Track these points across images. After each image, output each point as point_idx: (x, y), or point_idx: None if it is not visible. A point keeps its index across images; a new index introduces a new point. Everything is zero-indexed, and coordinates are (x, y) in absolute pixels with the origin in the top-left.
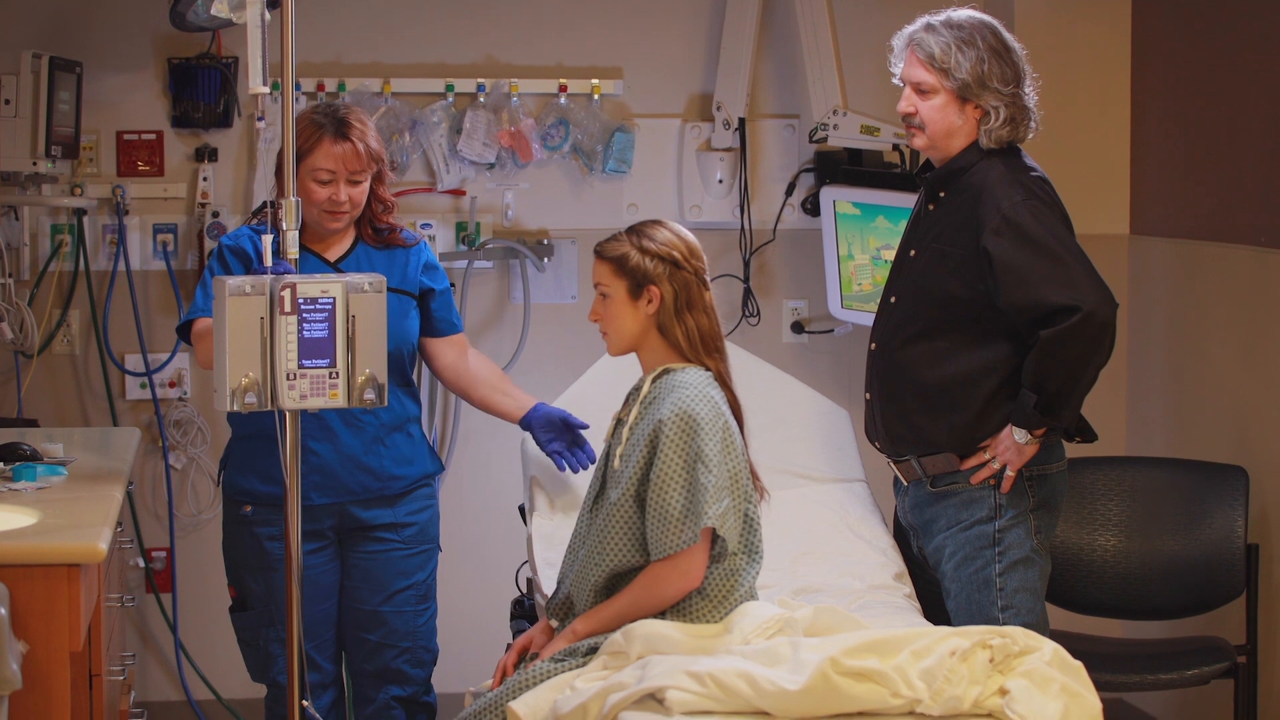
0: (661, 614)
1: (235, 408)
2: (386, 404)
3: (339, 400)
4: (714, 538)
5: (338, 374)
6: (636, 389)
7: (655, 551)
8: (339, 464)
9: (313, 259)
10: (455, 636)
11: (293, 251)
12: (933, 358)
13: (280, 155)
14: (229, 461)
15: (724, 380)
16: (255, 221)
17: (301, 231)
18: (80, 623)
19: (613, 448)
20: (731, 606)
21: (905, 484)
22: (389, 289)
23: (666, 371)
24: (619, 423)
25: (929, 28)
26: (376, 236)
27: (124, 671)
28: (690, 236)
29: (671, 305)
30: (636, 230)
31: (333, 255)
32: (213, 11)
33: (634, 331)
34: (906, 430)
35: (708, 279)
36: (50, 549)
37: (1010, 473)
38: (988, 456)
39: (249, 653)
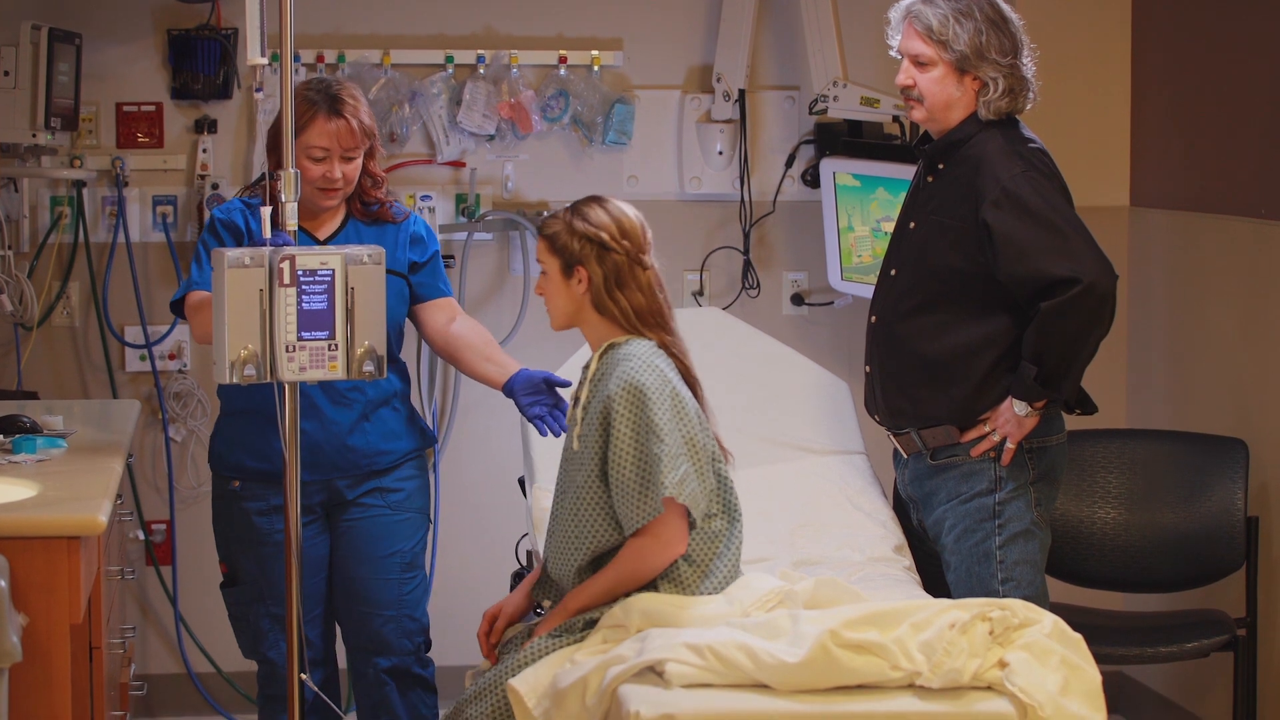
0: (653, 584)
1: (235, 380)
2: (386, 375)
3: (338, 372)
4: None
5: (337, 346)
6: (586, 367)
7: (626, 526)
8: (326, 441)
9: (303, 237)
10: (456, 610)
11: (292, 224)
12: (933, 330)
13: (277, 127)
14: (217, 437)
15: (671, 350)
16: (248, 194)
17: (307, 205)
18: (80, 595)
19: (572, 430)
20: (721, 570)
21: (905, 457)
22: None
23: (612, 346)
24: (575, 402)
25: (926, 0)
26: (365, 211)
27: (124, 644)
28: (628, 216)
29: (601, 286)
30: (575, 208)
31: (323, 233)
32: None
33: (568, 310)
34: (906, 403)
35: (645, 258)
36: (50, 521)
37: (1010, 445)
38: (988, 429)
39: (240, 628)
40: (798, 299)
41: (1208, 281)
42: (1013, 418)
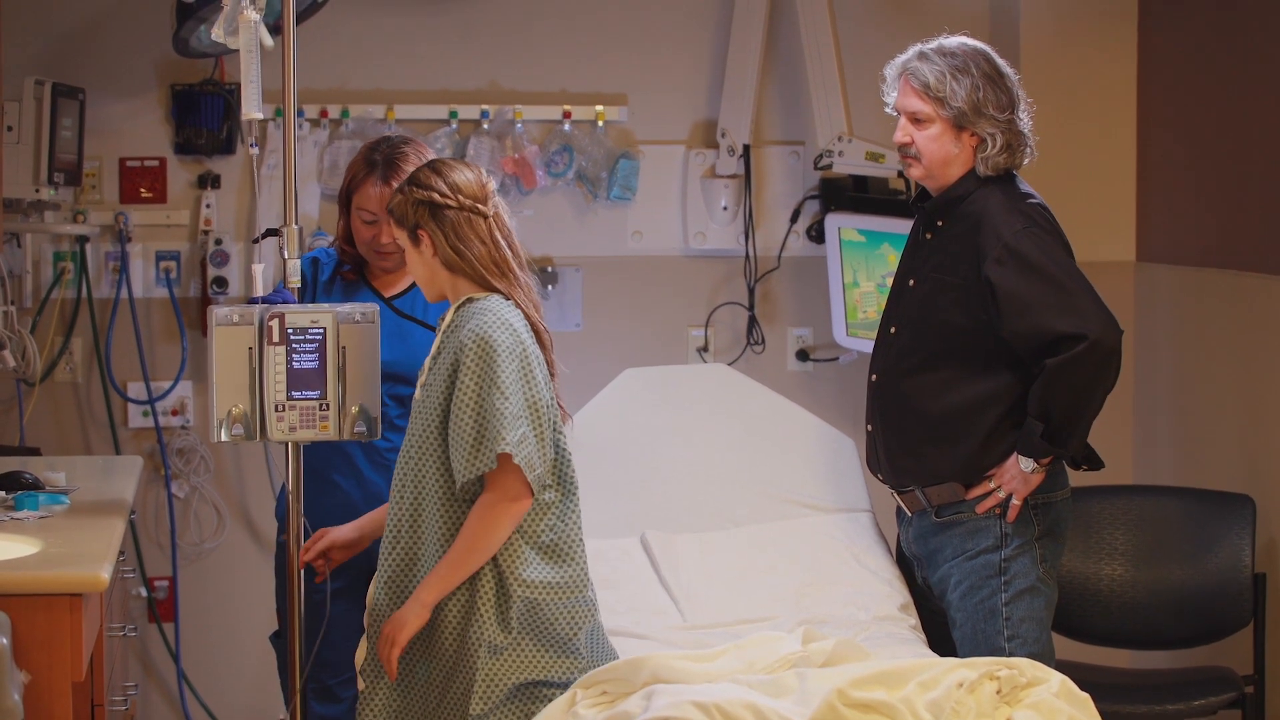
0: (502, 581)
1: (224, 439)
2: (380, 436)
3: (329, 433)
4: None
5: (328, 405)
6: (441, 319)
7: (459, 476)
8: (364, 502)
9: (368, 294)
10: None
11: (293, 281)
12: (936, 388)
13: (346, 185)
14: (282, 494)
15: (522, 306)
16: (328, 243)
17: (364, 266)
18: (82, 653)
19: (419, 379)
20: (572, 555)
21: (909, 514)
22: (408, 317)
23: (468, 300)
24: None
25: (922, 56)
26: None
27: (126, 702)
28: (461, 173)
29: (445, 244)
30: (411, 177)
31: (391, 291)
32: (211, 37)
33: (428, 276)
34: (911, 461)
35: (482, 207)
36: (52, 579)
37: (1016, 501)
38: (993, 485)
39: (284, 679)
40: (803, 355)
41: (1214, 337)
42: (1018, 474)
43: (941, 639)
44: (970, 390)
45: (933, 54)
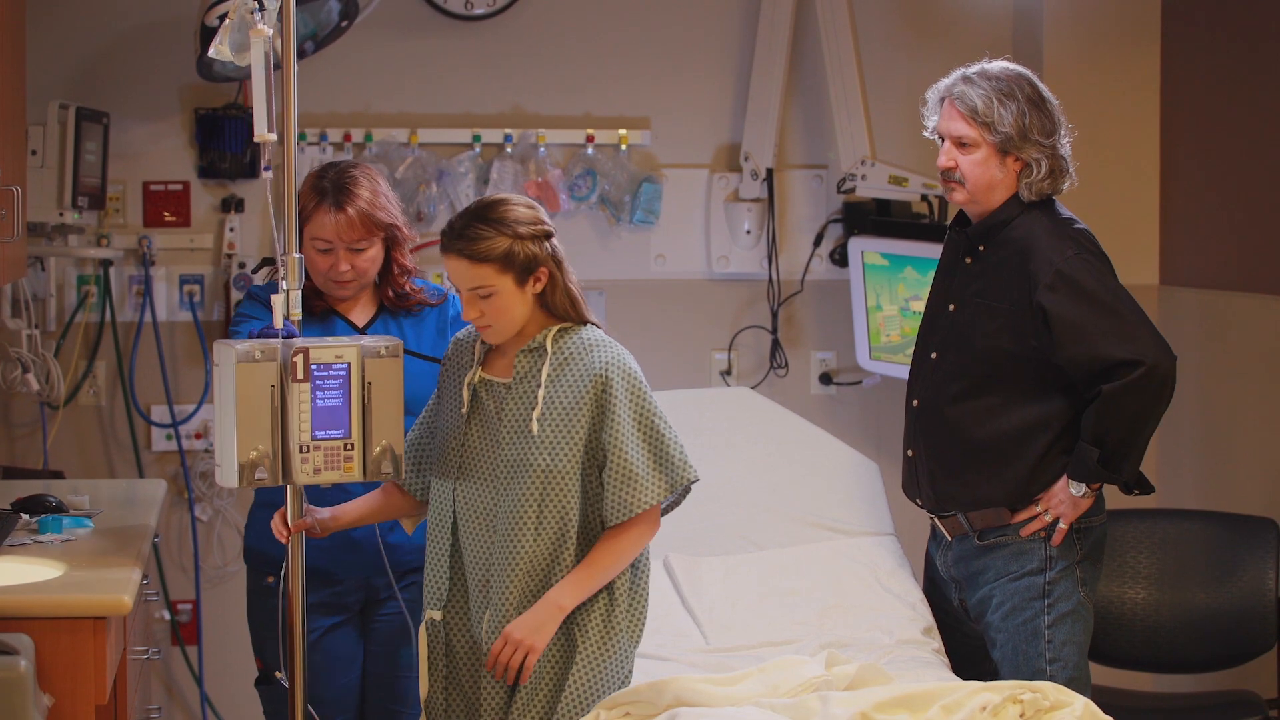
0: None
1: (244, 484)
2: (402, 476)
3: (354, 474)
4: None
5: (353, 445)
6: (530, 350)
7: (621, 512)
8: (364, 538)
9: (340, 323)
10: None
11: (295, 312)
12: (982, 414)
13: (283, 208)
14: (251, 530)
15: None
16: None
17: (325, 295)
18: (106, 676)
19: (505, 408)
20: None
21: (949, 539)
22: (410, 353)
23: (563, 331)
24: (510, 389)
25: (967, 80)
26: (398, 301)
27: None
28: (525, 198)
29: (563, 279)
30: (490, 219)
31: (359, 319)
32: (213, 54)
33: (524, 314)
34: (958, 487)
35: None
36: (76, 602)
37: (1063, 525)
38: (1040, 509)
39: None
40: (826, 378)
41: (1238, 360)
42: (1068, 498)
43: (969, 664)
44: (1018, 416)
45: (977, 78)
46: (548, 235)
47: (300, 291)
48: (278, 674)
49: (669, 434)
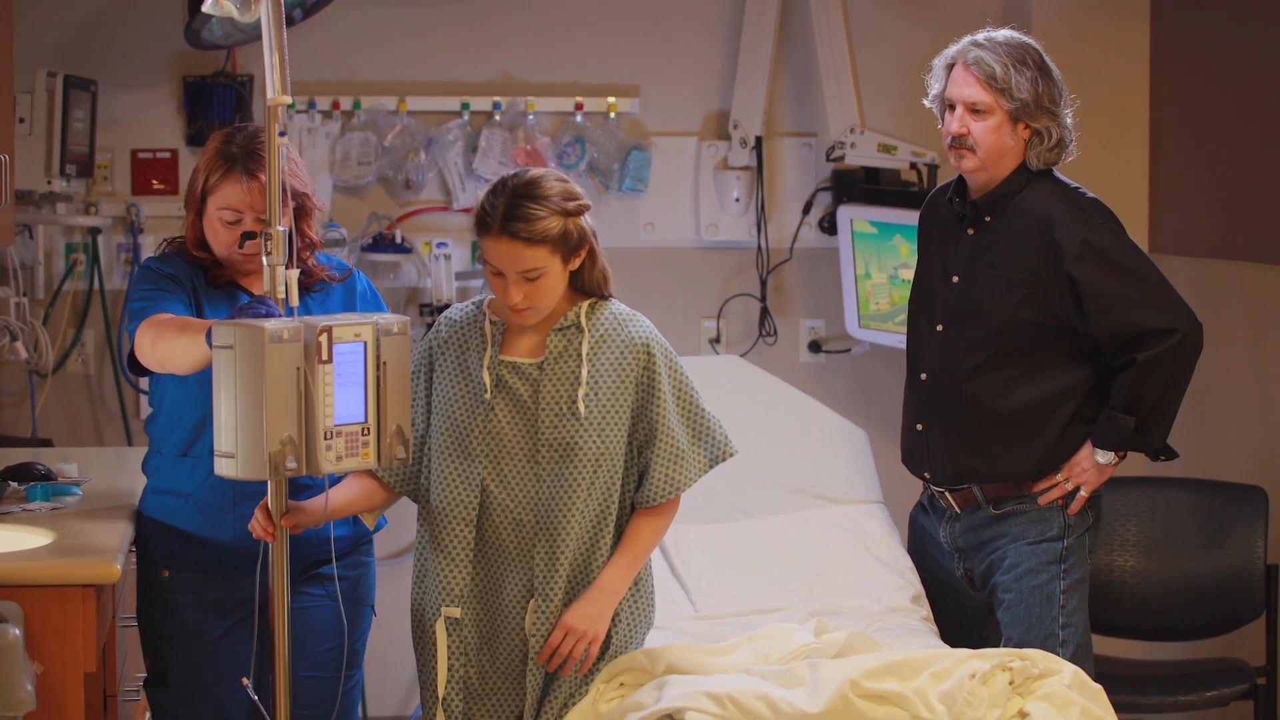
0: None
1: (274, 477)
2: (411, 460)
3: (369, 460)
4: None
5: (369, 430)
6: (563, 328)
7: (667, 491)
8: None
9: (243, 296)
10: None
11: (280, 291)
12: (1004, 386)
13: (273, 181)
14: (144, 520)
15: None
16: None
17: (222, 266)
18: (95, 643)
19: (542, 390)
20: None
21: (958, 510)
22: None
23: (595, 304)
24: (546, 366)
25: (980, 45)
26: (303, 276)
27: (138, 693)
28: (555, 171)
29: (596, 250)
30: (538, 197)
31: (261, 291)
32: (211, 9)
33: (561, 291)
34: (979, 461)
35: None
36: (65, 570)
37: (1084, 493)
38: (1061, 478)
39: None
40: (815, 346)
41: (1227, 329)
42: (1092, 466)
43: (960, 632)
44: (1042, 387)
45: (989, 44)
46: (587, 209)
47: (295, 272)
48: (245, 680)
49: (707, 408)
